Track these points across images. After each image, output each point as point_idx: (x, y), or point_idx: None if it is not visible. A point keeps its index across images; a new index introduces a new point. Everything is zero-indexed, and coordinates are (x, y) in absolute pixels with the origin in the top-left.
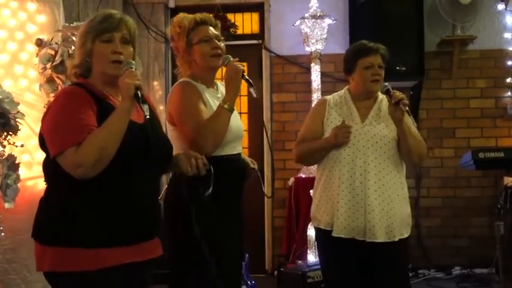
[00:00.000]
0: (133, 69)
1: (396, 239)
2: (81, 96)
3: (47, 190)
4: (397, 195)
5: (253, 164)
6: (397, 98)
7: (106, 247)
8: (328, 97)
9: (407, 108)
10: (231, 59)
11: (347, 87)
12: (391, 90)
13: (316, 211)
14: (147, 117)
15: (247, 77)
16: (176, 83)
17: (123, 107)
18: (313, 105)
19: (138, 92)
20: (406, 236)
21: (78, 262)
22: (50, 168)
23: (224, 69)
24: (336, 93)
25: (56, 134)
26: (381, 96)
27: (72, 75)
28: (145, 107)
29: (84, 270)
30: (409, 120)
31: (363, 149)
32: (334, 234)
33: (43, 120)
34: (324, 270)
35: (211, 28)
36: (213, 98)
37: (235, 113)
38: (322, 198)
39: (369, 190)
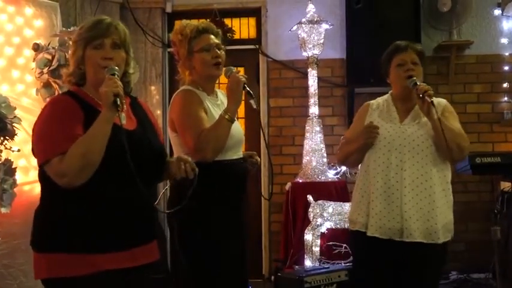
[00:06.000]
0: (115, 76)
1: (440, 242)
2: (67, 105)
3: (41, 197)
4: (440, 197)
5: (254, 157)
6: (422, 91)
7: (100, 253)
8: (372, 101)
9: (432, 99)
10: (234, 71)
11: (390, 91)
12: (417, 83)
13: (352, 214)
14: (123, 124)
15: (249, 89)
16: (178, 90)
17: (103, 115)
18: (310, 110)
19: (117, 99)
20: (447, 240)
21: (73, 267)
22: (40, 175)
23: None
24: (380, 97)
25: (42, 143)
26: None
27: (66, 83)
28: (122, 116)
29: (80, 275)
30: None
31: (399, 147)
32: (368, 233)
33: (32, 129)
34: (356, 271)
35: (212, 37)
36: (213, 105)
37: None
38: (357, 199)
39: (405, 189)
